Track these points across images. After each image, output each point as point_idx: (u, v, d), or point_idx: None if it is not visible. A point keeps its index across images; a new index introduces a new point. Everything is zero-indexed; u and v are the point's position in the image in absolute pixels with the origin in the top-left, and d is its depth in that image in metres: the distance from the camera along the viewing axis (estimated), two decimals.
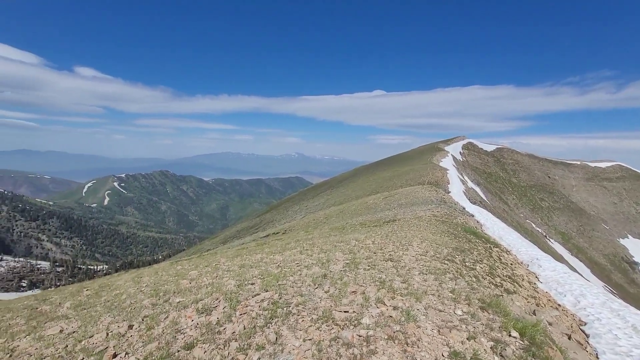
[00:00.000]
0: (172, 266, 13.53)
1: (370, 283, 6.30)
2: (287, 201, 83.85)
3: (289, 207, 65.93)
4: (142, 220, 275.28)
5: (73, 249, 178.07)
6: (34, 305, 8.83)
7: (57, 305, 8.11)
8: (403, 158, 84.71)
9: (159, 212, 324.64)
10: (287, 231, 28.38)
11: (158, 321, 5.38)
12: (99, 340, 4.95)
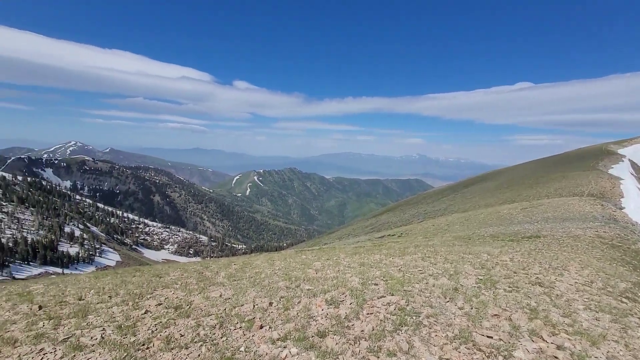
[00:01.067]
0: (298, 255, 14.88)
1: (517, 309, 5.33)
2: (405, 204, 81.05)
3: (406, 209, 63.64)
4: (273, 211, 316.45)
5: (223, 228, 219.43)
6: (200, 270, 11.13)
7: (216, 274, 9.97)
8: (553, 162, 69.82)
9: (286, 205, 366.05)
10: (403, 234, 27.42)
11: (292, 304, 5.92)
12: (247, 310, 5.81)
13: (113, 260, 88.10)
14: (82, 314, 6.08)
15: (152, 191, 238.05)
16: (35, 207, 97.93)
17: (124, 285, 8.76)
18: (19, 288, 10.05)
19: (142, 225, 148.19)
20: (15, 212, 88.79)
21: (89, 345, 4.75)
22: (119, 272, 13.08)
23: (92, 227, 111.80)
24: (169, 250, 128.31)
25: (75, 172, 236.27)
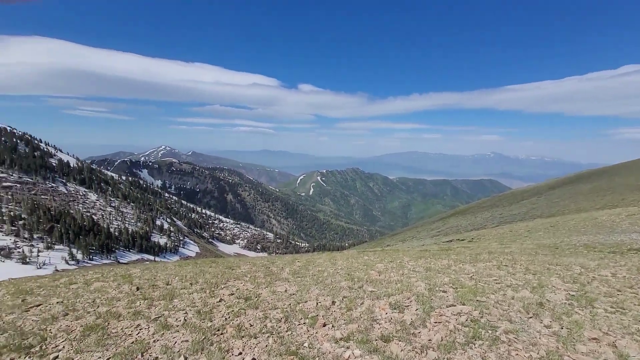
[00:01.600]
0: (360, 255, 14.75)
1: (623, 334, 4.49)
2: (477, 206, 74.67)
3: (477, 212, 58.60)
4: (335, 210, 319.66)
5: (287, 226, 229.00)
6: (267, 265, 11.75)
7: (281, 269, 10.43)
8: None
9: (348, 205, 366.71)
10: (474, 239, 25.28)
11: (355, 304, 5.88)
12: (311, 307, 5.94)
13: (193, 252, 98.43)
14: (169, 298, 6.90)
15: (225, 190, 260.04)
16: (134, 202, 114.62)
17: (202, 275, 9.70)
18: (122, 271, 11.82)
19: (217, 221, 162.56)
20: (120, 207, 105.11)
21: (174, 325, 5.35)
22: (198, 263, 14.54)
23: (177, 221, 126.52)
24: (239, 245, 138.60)
25: (164, 173, 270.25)
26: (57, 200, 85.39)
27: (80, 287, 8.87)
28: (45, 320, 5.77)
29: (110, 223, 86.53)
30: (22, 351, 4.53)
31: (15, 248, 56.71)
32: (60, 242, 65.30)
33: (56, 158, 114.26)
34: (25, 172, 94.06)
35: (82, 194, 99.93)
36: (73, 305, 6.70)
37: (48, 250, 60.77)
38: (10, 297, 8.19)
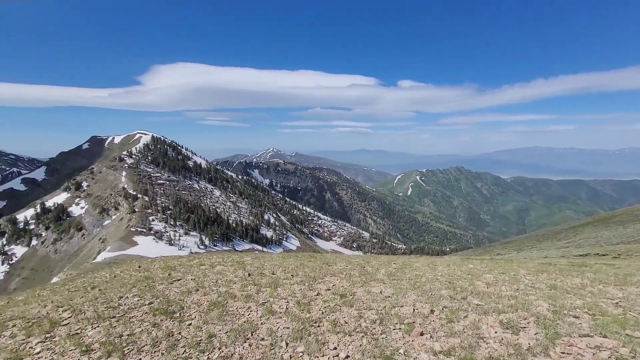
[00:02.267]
0: (464, 263, 13.40)
1: None
2: (626, 213, 58.92)
3: (627, 221, 46.17)
4: (436, 212, 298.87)
5: (383, 226, 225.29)
6: (362, 264, 11.80)
7: (376, 270, 10.33)
8: None
9: (451, 207, 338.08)
10: (621, 256, 20.00)
11: (457, 317, 5.39)
12: (407, 312, 5.71)
13: (294, 245, 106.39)
14: (274, 286, 7.62)
15: (324, 189, 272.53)
16: (248, 198, 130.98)
17: (302, 268, 10.39)
18: (237, 258, 13.62)
19: (316, 218, 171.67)
20: (237, 202, 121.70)
21: (278, 312, 5.89)
22: (298, 256, 15.64)
23: (282, 217, 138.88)
24: (336, 242, 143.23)
25: (271, 172, 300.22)
26: (192, 195, 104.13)
27: (207, 268, 10.60)
28: (183, 293, 7.11)
29: (229, 216, 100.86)
30: (167, 315, 5.69)
31: (165, 232, 71.58)
32: (194, 229, 79.46)
33: (192, 160, 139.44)
34: (172, 172, 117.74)
35: (209, 190, 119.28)
36: (202, 283, 8.06)
37: (186, 236, 74.68)
38: (161, 271, 10.36)
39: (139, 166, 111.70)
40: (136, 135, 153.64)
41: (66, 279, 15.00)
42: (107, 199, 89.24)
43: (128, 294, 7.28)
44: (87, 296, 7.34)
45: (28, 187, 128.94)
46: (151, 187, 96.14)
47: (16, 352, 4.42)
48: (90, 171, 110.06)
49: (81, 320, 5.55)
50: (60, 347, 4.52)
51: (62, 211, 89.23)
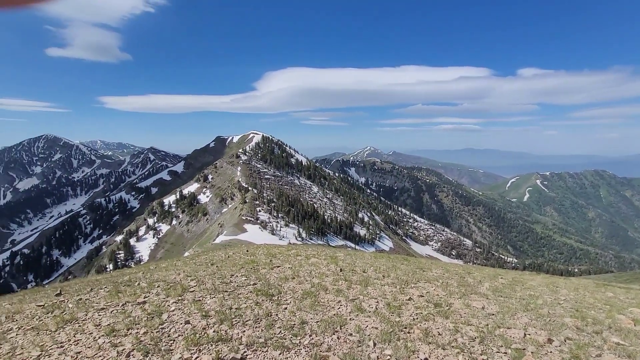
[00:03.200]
0: (599, 288, 10.88)
1: None
2: None
3: None
4: (561, 224, 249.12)
5: (490, 235, 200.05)
6: (462, 274, 10.76)
7: (479, 282, 9.27)
8: None
9: (583, 219, 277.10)
10: None
11: (587, 354, 4.41)
12: (516, 336, 4.96)
13: (387, 246, 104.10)
14: (364, 284, 7.64)
15: (422, 190, 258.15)
16: (343, 196, 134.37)
17: (394, 270, 10.11)
18: (331, 253, 14.14)
19: (412, 220, 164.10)
20: (333, 198, 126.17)
21: (367, 310, 5.88)
22: (391, 257, 15.27)
23: (376, 216, 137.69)
24: (432, 247, 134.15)
25: (367, 171, 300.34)
26: (293, 190, 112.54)
27: (303, 259, 11.33)
28: (281, 279, 7.79)
29: (325, 211, 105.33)
30: (267, 297, 6.33)
31: (268, 222, 79.50)
32: (293, 222, 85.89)
33: (294, 158, 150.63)
34: (277, 168, 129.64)
35: (308, 186, 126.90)
36: (298, 272, 8.66)
37: (286, 227, 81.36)
38: (264, 257, 11.55)
39: (251, 162, 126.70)
40: (250, 135, 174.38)
41: (193, 255, 18.10)
42: (226, 190, 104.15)
43: (237, 273, 8.35)
44: (207, 271, 8.72)
45: (172, 177, 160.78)
46: (259, 181, 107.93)
47: (158, 307, 5.58)
48: (214, 166, 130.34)
49: (203, 289, 6.65)
50: (188, 309, 5.51)
51: (193, 199, 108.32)
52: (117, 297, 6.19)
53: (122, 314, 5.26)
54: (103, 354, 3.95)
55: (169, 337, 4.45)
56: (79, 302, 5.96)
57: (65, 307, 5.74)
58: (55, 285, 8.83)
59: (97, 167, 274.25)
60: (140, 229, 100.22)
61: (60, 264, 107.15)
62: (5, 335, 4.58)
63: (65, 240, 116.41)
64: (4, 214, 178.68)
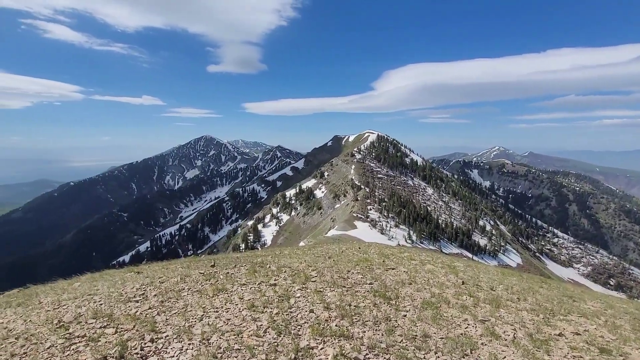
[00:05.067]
0: None
1: None
2: None
3: None
4: None
5: None
6: (637, 314, 8.20)
7: None
8: None
9: None
10: None
11: None
12: None
13: (514, 262, 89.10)
14: (494, 304, 6.65)
15: (568, 199, 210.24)
16: (462, 200, 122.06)
17: (531, 293, 8.51)
18: (447, 261, 12.96)
19: (550, 234, 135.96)
20: (449, 202, 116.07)
21: (502, 337, 5.09)
22: (523, 277, 12.93)
23: (501, 226, 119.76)
24: (578, 271, 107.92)
25: (494, 174, 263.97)
26: (406, 190, 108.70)
27: (417, 264, 10.74)
28: (397, 283, 7.55)
29: (439, 215, 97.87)
30: (385, 299, 6.22)
31: (378, 221, 79.10)
32: (404, 223, 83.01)
33: (409, 158, 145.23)
34: (390, 167, 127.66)
35: (422, 187, 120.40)
36: (414, 278, 8.24)
37: (395, 228, 79.35)
38: (377, 256, 11.47)
39: (365, 161, 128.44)
40: (365, 134, 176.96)
41: (309, 245, 19.51)
42: (339, 187, 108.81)
43: (353, 270, 8.52)
44: (326, 263, 9.20)
45: (293, 173, 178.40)
46: (372, 180, 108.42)
47: (287, 291, 6.18)
48: (330, 164, 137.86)
49: (323, 281, 7.04)
50: (311, 298, 5.91)
51: (310, 193, 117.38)
52: (254, 275, 7.17)
53: (258, 292, 6.05)
54: (246, 325, 4.63)
55: (296, 322, 4.87)
56: (227, 275, 7.16)
57: (217, 277, 6.99)
58: (210, 257, 10.90)
59: (238, 162, 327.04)
60: (266, 217, 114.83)
61: (209, 239, 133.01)
62: (180, 293, 5.89)
63: (213, 220, 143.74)
64: (177, 197, 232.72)
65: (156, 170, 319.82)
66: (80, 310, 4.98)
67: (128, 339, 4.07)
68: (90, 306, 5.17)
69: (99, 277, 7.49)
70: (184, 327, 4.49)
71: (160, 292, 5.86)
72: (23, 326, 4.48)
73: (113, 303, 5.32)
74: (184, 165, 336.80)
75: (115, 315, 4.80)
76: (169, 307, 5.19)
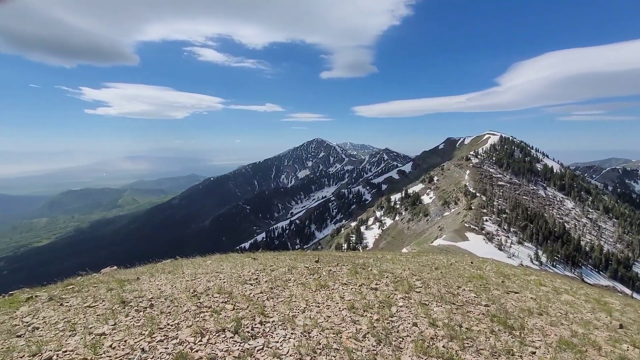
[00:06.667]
0: None
1: None
2: None
3: None
4: None
5: None
6: None
7: None
8: None
9: None
10: None
11: None
12: None
13: None
14: None
15: None
16: (618, 219, 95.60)
17: None
18: (594, 294, 10.20)
19: None
20: (598, 220, 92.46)
21: None
22: None
23: None
24: None
25: None
26: (535, 202, 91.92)
27: (549, 292, 8.83)
28: (522, 310, 6.31)
29: (582, 235, 79.10)
30: (506, 328, 5.26)
31: (496, 235, 69.11)
32: (530, 240, 70.16)
33: (541, 163, 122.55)
34: (515, 174, 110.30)
35: (558, 199, 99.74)
36: (545, 308, 6.76)
37: (518, 245, 67.78)
38: (494, 275, 9.94)
39: (482, 166, 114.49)
40: (485, 136, 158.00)
41: (413, 253, 18.44)
42: (450, 193, 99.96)
43: (464, 286, 7.57)
44: (432, 274, 8.47)
45: (400, 176, 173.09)
46: (490, 187, 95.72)
47: (388, 298, 5.91)
48: (441, 168, 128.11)
49: (428, 293, 6.46)
50: (414, 309, 5.48)
51: (417, 198, 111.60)
52: (355, 276, 7.14)
53: (359, 293, 5.97)
54: (346, 326, 4.59)
55: (397, 333, 4.57)
56: (330, 273, 7.34)
57: (321, 273, 7.23)
58: (314, 253, 11.46)
59: (345, 164, 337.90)
60: (369, 219, 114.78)
61: (314, 235, 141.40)
62: (287, 283, 6.31)
63: (319, 218, 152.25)
64: (289, 194, 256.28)
65: (274, 169, 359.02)
66: (209, 285, 5.87)
67: (242, 317, 4.55)
68: (216, 282, 6.05)
69: (225, 259, 8.73)
70: (288, 316, 4.77)
71: (271, 279, 6.41)
72: (170, 290, 5.56)
73: (233, 283, 6.08)
74: (296, 166, 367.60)
75: (234, 294, 5.47)
76: (277, 295, 5.61)
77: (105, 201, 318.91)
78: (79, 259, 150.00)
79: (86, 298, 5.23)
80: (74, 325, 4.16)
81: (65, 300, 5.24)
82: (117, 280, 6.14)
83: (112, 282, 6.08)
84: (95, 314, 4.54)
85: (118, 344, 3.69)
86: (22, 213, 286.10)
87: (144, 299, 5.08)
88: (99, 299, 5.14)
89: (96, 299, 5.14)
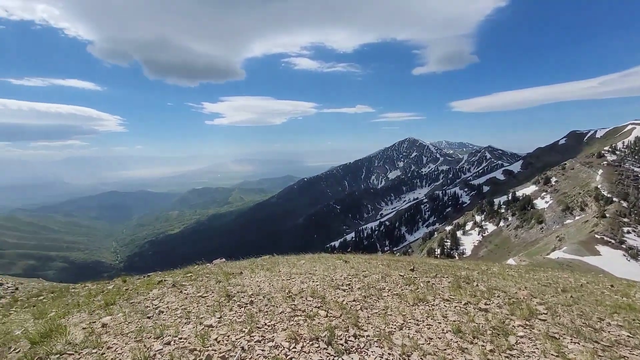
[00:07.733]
0: None
1: None
2: None
3: None
4: None
5: None
6: None
7: None
8: None
9: None
10: None
11: None
12: None
13: None
14: None
15: None
16: None
17: None
18: None
19: None
20: None
21: None
22: None
23: None
24: None
25: None
26: None
27: None
28: None
29: None
30: None
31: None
32: None
33: None
34: None
35: None
36: None
37: None
38: None
39: (622, 164, 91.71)
40: (627, 127, 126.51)
41: (526, 267, 15.67)
42: (574, 197, 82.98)
43: (609, 319, 5.90)
44: (559, 298, 6.90)
45: (506, 177, 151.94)
46: (635, 191, 75.91)
47: (502, 324, 4.95)
48: (561, 167, 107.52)
49: (557, 324, 5.21)
50: (540, 343, 4.45)
51: (527, 202, 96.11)
52: (458, 292, 6.28)
53: (465, 314, 5.18)
54: (452, 354, 3.95)
55: None
56: (428, 285, 6.65)
57: (417, 284, 6.61)
58: (408, 259, 10.71)
59: (440, 164, 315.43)
60: (467, 224, 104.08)
61: (404, 238, 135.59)
62: (381, 292, 5.93)
63: (410, 220, 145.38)
64: (379, 195, 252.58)
65: (364, 170, 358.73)
66: (303, 287, 5.92)
67: (335, 327, 4.37)
68: (310, 284, 6.07)
69: (317, 259, 8.82)
70: (384, 331, 4.38)
71: (364, 286, 6.12)
72: (267, 288, 5.80)
73: (326, 287, 6.01)
74: (387, 166, 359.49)
75: (327, 299, 5.36)
76: (371, 305, 5.28)
77: (219, 198, 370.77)
78: (198, 247, 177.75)
79: (200, 288, 5.86)
80: (188, 314, 4.66)
81: (184, 287, 5.98)
82: (224, 273, 6.76)
83: (220, 274, 6.72)
84: (206, 305, 5.01)
85: (222, 338, 3.93)
86: (162, 206, 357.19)
87: (245, 295, 5.41)
88: (209, 290, 5.69)
89: (207, 290, 5.71)
